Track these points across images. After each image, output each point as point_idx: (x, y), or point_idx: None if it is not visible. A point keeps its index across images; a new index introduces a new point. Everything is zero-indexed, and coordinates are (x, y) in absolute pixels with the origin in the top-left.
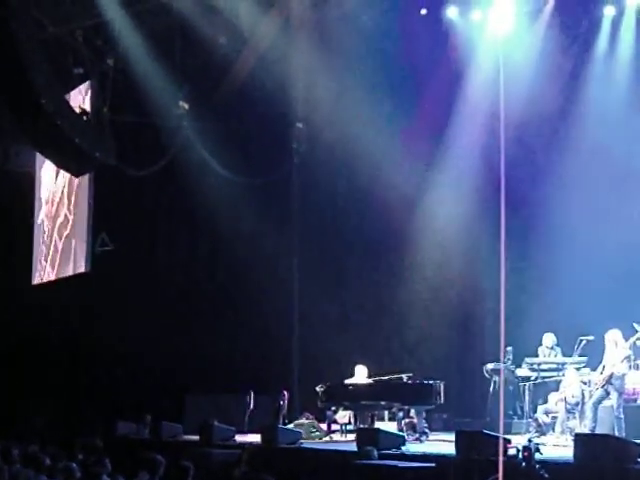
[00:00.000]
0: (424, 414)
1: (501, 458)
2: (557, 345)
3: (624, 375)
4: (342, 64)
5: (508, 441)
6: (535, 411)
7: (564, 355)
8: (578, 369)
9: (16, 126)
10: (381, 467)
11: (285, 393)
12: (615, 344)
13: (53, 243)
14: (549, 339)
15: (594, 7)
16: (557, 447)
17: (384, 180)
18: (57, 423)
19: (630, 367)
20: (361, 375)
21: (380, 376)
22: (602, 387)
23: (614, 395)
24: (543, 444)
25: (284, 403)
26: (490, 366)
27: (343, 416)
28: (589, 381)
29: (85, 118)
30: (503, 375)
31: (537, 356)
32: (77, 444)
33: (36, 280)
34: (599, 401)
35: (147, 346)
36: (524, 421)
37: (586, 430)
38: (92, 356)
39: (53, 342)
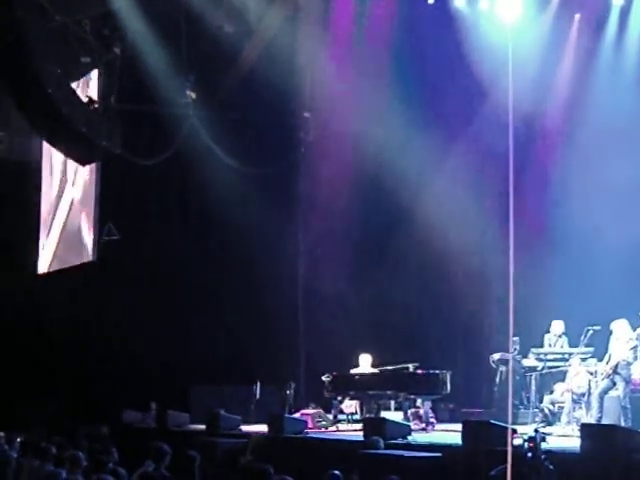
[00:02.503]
0: (430, 404)
1: (510, 448)
2: (565, 334)
3: (630, 364)
4: (349, 53)
5: (514, 431)
6: (541, 401)
7: (571, 344)
8: (584, 359)
9: (22, 115)
10: (387, 457)
11: (291, 383)
12: (621, 334)
13: (59, 232)
14: (558, 326)
15: None
16: (563, 437)
17: (391, 169)
18: (63, 412)
19: (636, 357)
20: (365, 363)
21: (386, 366)
22: (608, 377)
23: (621, 385)
24: (549, 434)
25: (290, 393)
26: (497, 356)
27: (349, 406)
28: (595, 371)
29: (92, 107)
30: (510, 365)
31: (543, 344)
32: (83, 433)
33: (42, 269)
34: (605, 391)
35: (154, 335)
36: (530, 411)
37: (592, 420)
38: (98, 345)
39: (59, 331)
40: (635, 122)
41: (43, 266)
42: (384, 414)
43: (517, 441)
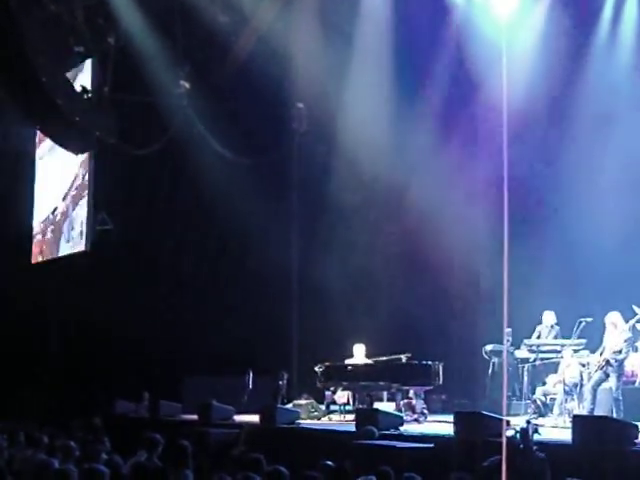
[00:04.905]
0: (423, 395)
1: (504, 439)
2: (557, 324)
3: (624, 358)
4: (343, 45)
5: (507, 422)
6: (534, 392)
7: (563, 335)
8: (577, 351)
9: (16, 105)
10: (379, 447)
11: (284, 373)
12: (615, 326)
13: (53, 221)
14: (550, 317)
15: None
16: (555, 428)
17: (383, 160)
18: (56, 402)
19: (629, 349)
20: (359, 353)
21: (379, 357)
22: (601, 369)
23: (613, 377)
24: (541, 425)
25: (283, 383)
26: (489, 347)
27: (342, 396)
28: (588, 363)
29: (86, 97)
30: (505, 356)
31: (535, 334)
32: (76, 423)
33: (36, 259)
34: (598, 383)
35: (146, 325)
36: (522, 402)
37: (584, 412)
38: (91, 335)
39: (52, 321)
40: (629, 113)
41: (37, 256)
42: (376, 405)
43: (509, 432)
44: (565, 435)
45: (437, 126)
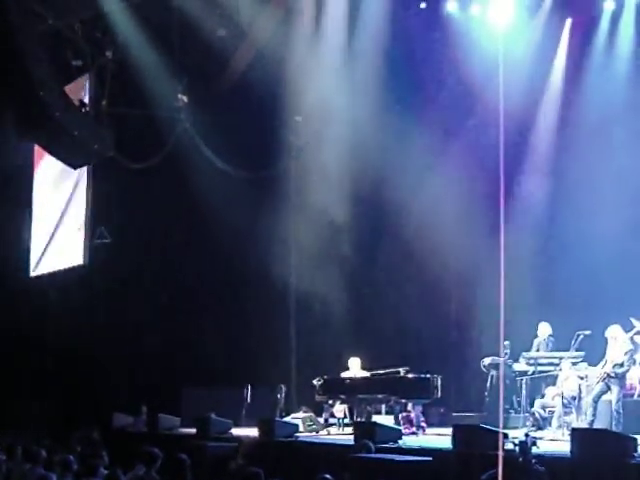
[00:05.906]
0: (421, 408)
1: (501, 453)
2: (551, 335)
3: (626, 370)
4: (341, 57)
5: (505, 435)
6: (532, 405)
7: (559, 348)
8: (575, 364)
9: (14, 118)
10: (378, 460)
11: (282, 386)
12: (615, 340)
13: (51, 235)
14: (545, 329)
15: (594, 1)
16: (554, 441)
17: (382, 173)
18: (54, 416)
19: (630, 363)
20: (355, 367)
21: (377, 370)
22: (603, 381)
23: (615, 389)
24: (540, 438)
25: (281, 396)
26: (487, 360)
27: (340, 409)
28: (586, 376)
29: (83, 110)
30: (502, 369)
31: (532, 347)
32: (75, 436)
33: (34, 272)
34: (599, 396)
35: (144, 339)
36: (521, 415)
37: (583, 424)
38: (90, 348)
39: (50, 334)
40: (625, 124)
41: (35, 269)
42: (375, 418)
43: (508, 445)
44: (564, 448)
45: (435, 139)
